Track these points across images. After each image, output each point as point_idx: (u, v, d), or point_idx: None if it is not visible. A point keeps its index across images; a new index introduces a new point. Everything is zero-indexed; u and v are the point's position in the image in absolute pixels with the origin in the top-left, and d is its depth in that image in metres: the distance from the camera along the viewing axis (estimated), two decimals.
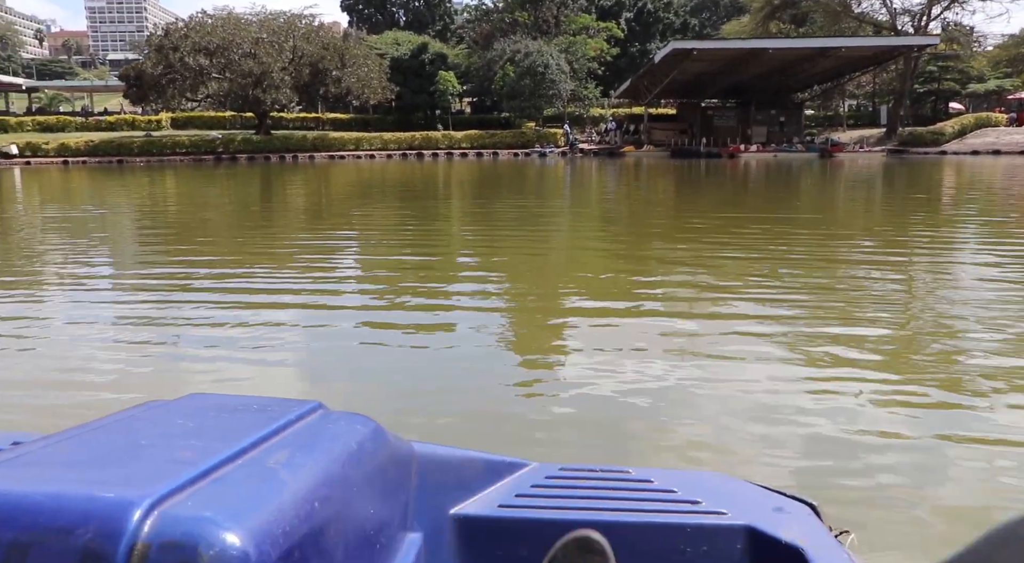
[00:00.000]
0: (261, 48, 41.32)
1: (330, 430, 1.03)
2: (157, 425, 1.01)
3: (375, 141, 44.32)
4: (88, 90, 70.42)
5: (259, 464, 0.88)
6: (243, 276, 7.57)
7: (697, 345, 4.73)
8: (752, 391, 3.87)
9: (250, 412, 1.06)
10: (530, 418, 3.60)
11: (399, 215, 14.48)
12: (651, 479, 1.24)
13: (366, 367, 4.48)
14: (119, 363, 4.52)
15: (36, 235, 11.73)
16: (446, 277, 7.53)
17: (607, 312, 5.79)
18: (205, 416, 1.05)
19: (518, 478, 1.28)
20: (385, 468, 1.06)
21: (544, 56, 44.68)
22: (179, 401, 1.12)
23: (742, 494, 1.22)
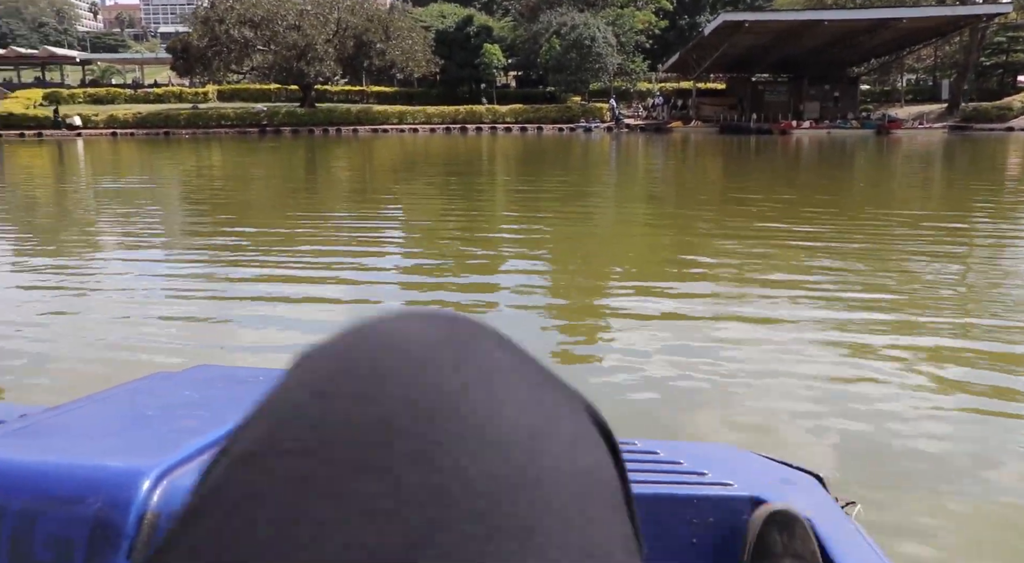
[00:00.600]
0: (305, 20, 41.17)
1: None
2: (164, 396, 1.02)
3: (419, 115, 44.03)
4: (139, 63, 71.49)
5: None
6: (286, 251, 7.49)
7: (744, 332, 4.54)
8: (800, 380, 3.73)
9: (257, 383, 1.05)
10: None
11: (442, 190, 14.21)
12: (657, 450, 1.23)
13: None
14: (162, 335, 4.56)
15: (88, 206, 11.94)
16: (488, 257, 7.31)
17: (652, 292, 5.62)
18: (212, 387, 1.06)
19: None
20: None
21: (591, 29, 43.79)
22: (186, 372, 1.12)
23: (748, 465, 1.21)
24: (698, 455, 1.23)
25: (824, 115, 41.76)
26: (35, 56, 64.91)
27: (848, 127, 38.99)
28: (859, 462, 2.94)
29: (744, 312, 5.00)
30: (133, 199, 12.80)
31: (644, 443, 1.28)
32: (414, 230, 9.36)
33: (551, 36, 45.77)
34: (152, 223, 9.99)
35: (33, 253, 7.94)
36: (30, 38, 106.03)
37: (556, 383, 0.31)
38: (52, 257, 7.52)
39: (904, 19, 36.04)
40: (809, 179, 16.96)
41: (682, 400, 3.53)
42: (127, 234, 9.00)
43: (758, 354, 4.10)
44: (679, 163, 22.15)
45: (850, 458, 2.96)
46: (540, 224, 9.35)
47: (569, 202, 11.95)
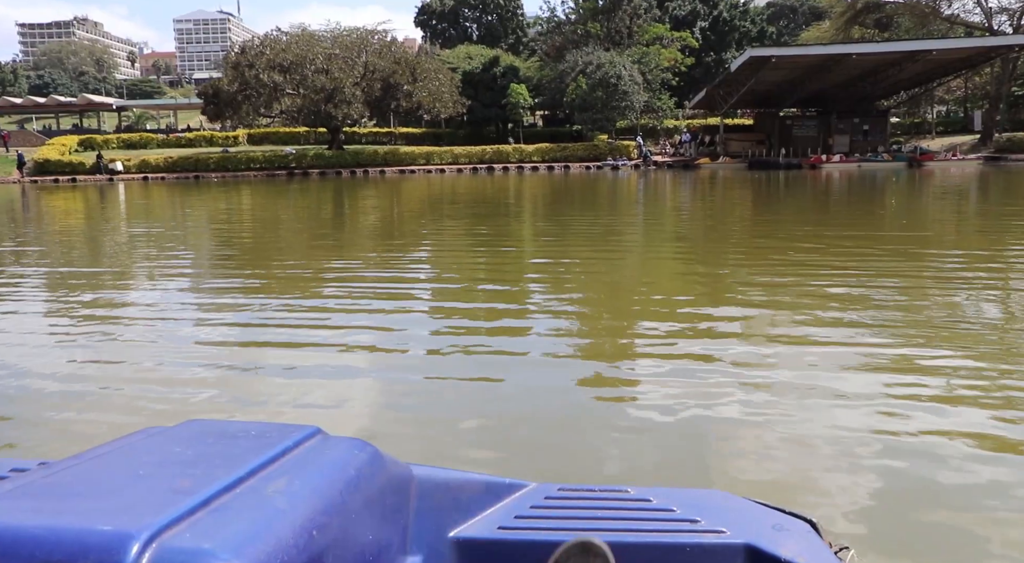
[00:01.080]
0: (334, 64, 41.72)
1: (328, 456, 1.04)
2: (156, 453, 1.01)
3: (446, 155, 44.20)
4: (172, 108, 72.95)
5: (258, 492, 0.89)
6: (314, 296, 7.40)
7: (774, 374, 4.40)
8: (831, 425, 3.59)
9: (249, 438, 1.06)
10: (597, 439, 3.49)
11: (469, 232, 14.00)
12: (650, 498, 1.22)
13: (432, 389, 4.33)
14: (189, 379, 4.53)
15: (119, 250, 12.05)
16: (517, 300, 7.15)
17: (681, 334, 5.45)
18: (204, 443, 1.05)
19: (517, 499, 1.26)
20: (383, 493, 1.07)
21: (617, 67, 43.86)
22: (178, 428, 1.12)
23: (741, 512, 1.20)
24: (691, 502, 1.21)
25: (854, 149, 41.21)
26: (73, 104, 66.66)
27: (879, 160, 38.41)
28: (883, 516, 2.75)
29: (775, 356, 4.79)
30: (161, 243, 12.83)
31: (637, 491, 1.26)
32: (442, 272, 9.22)
33: (577, 75, 45.91)
34: (180, 267, 9.94)
35: (66, 298, 7.91)
36: (70, 86, 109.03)
37: None
38: (84, 302, 7.49)
39: (934, 51, 35.60)
40: (843, 214, 16.53)
41: (709, 445, 3.42)
42: (153, 278, 9.02)
43: (789, 398, 3.95)
44: (708, 200, 21.80)
45: (875, 508, 2.80)
46: (569, 259, 9.25)
47: (597, 241, 11.72)
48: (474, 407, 3.96)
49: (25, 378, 4.69)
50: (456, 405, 4.01)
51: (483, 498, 1.27)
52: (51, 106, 67.20)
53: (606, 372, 4.63)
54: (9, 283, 8.86)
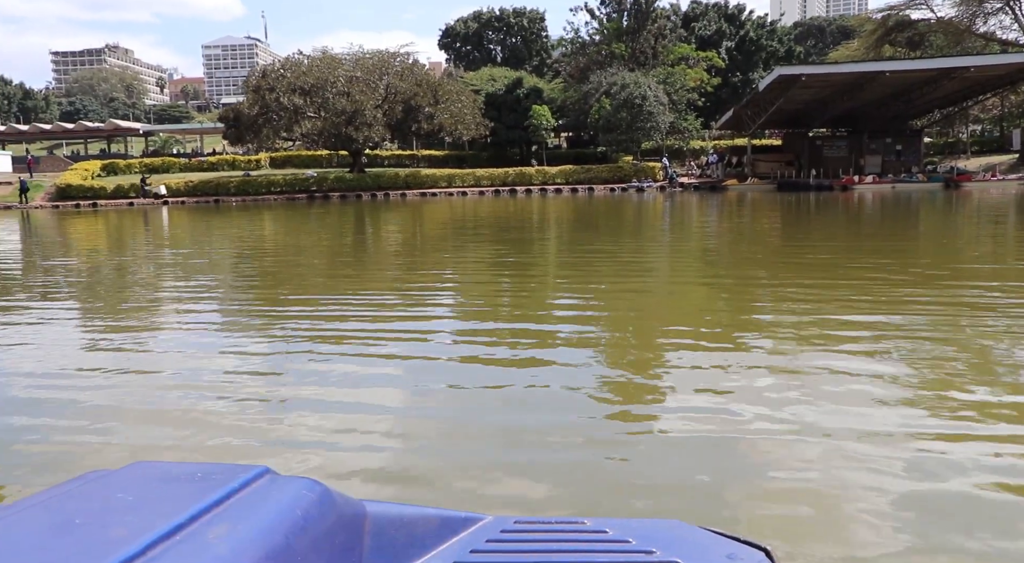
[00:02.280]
0: (355, 86, 41.43)
1: (274, 497, 1.02)
2: (95, 500, 1.00)
3: (467, 178, 43.68)
4: (198, 132, 73.45)
5: (199, 539, 0.87)
6: (335, 322, 7.25)
7: (801, 409, 4.12)
8: (864, 467, 3.33)
9: (193, 481, 1.05)
10: (619, 470, 3.42)
11: (491, 257, 13.38)
12: (606, 530, 1.24)
13: (460, 418, 4.23)
14: (211, 407, 4.44)
15: (134, 276, 11.93)
16: (541, 327, 6.78)
17: (707, 364, 5.20)
18: (146, 487, 1.04)
19: (473, 533, 1.26)
20: (333, 533, 1.06)
21: (641, 87, 43.17)
22: (121, 472, 1.10)
23: (696, 542, 1.23)
24: (646, 533, 1.23)
25: (887, 169, 40.06)
26: (101, 129, 67.38)
27: (914, 181, 37.20)
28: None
29: (803, 389, 4.48)
30: (180, 270, 12.56)
31: (593, 522, 1.27)
32: (464, 299, 8.85)
33: (601, 96, 45.31)
34: (200, 293, 9.74)
35: (90, 323, 7.90)
36: (100, 113, 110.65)
37: None
38: (105, 328, 7.46)
39: (972, 68, 34.45)
40: (880, 238, 15.52)
41: (733, 485, 3.23)
42: (174, 302, 8.98)
43: (815, 436, 3.71)
44: (737, 223, 20.88)
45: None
46: (594, 284, 8.92)
47: (622, 266, 11.00)
48: (494, 442, 3.84)
49: (48, 392, 4.86)
50: (475, 441, 3.90)
51: (438, 533, 1.24)
52: (79, 132, 67.98)
53: (629, 405, 4.38)
54: (31, 308, 8.99)
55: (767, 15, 65.98)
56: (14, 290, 10.68)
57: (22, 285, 11.39)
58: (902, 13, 51.17)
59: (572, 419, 4.05)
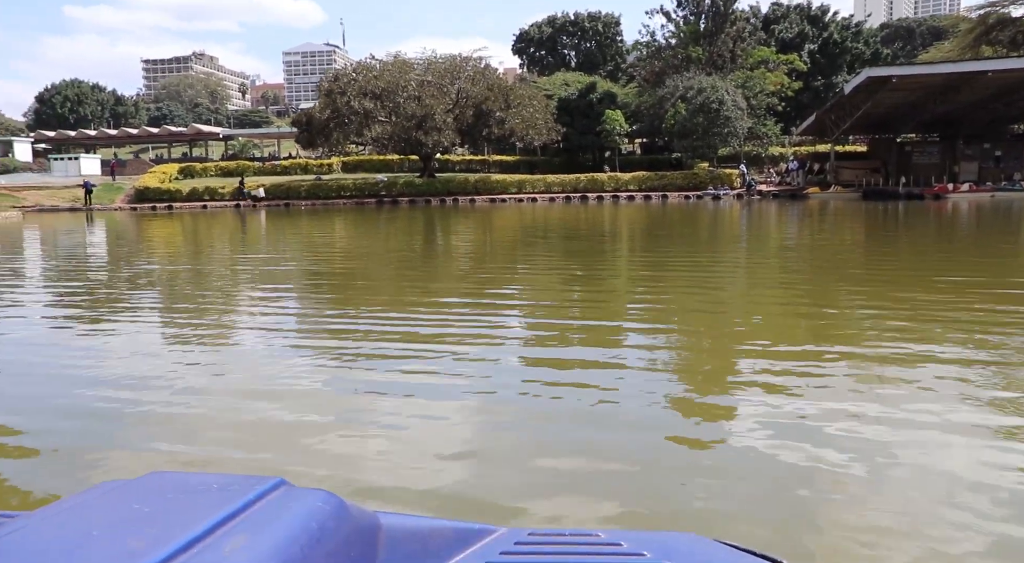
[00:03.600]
0: (425, 90, 41.19)
1: (291, 509, 1.03)
2: (111, 511, 1.00)
3: (538, 184, 42.98)
4: (275, 137, 74.80)
5: (215, 551, 0.88)
6: (405, 327, 7.12)
7: (892, 435, 3.86)
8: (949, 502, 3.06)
9: (210, 492, 1.06)
10: (692, 496, 3.23)
11: (560, 266, 12.74)
12: (621, 542, 1.19)
13: (523, 435, 4.10)
14: (275, 416, 4.43)
15: (210, 278, 12.10)
16: (611, 339, 6.54)
17: (784, 385, 4.83)
18: (163, 498, 1.04)
19: (487, 545, 1.24)
20: (349, 545, 1.07)
21: (719, 92, 41.75)
22: (137, 482, 1.10)
23: (712, 555, 1.20)
24: (662, 546, 1.19)
25: (984, 177, 37.66)
26: (184, 133, 69.22)
27: (1017, 189, 34.77)
28: None
29: (892, 419, 4.10)
30: (250, 271, 12.65)
31: (608, 534, 1.22)
32: (532, 310, 8.50)
33: (676, 101, 44.04)
34: (274, 299, 9.62)
35: (168, 322, 8.02)
36: (185, 118, 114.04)
37: None
38: (178, 326, 7.59)
39: None
40: (978, 250, 14.09)
41: (812, 513, 3.07)
42: (251, 305, 9.08)
43: (894, 461, 3.52)
44: (820, 233, 19.56)
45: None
46: (667, 295, 8.63)
47: (697, 278, 10.29)
48: (562, 460, 3.68)
49: (127, 393, 4.94)
50: (543, 459, 3.75)
51: (452, 544, 1.21)
52: (163, 136, 70.02)
53: (700, 424, 4.20)
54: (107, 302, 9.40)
55: (852, 16, 63.31)
56: (92, 291, 10.65)
57: (94, 286, 11.25)
58: (1003, 10, 48.27)
59: (643, 438, 3.91)
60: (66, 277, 12.65)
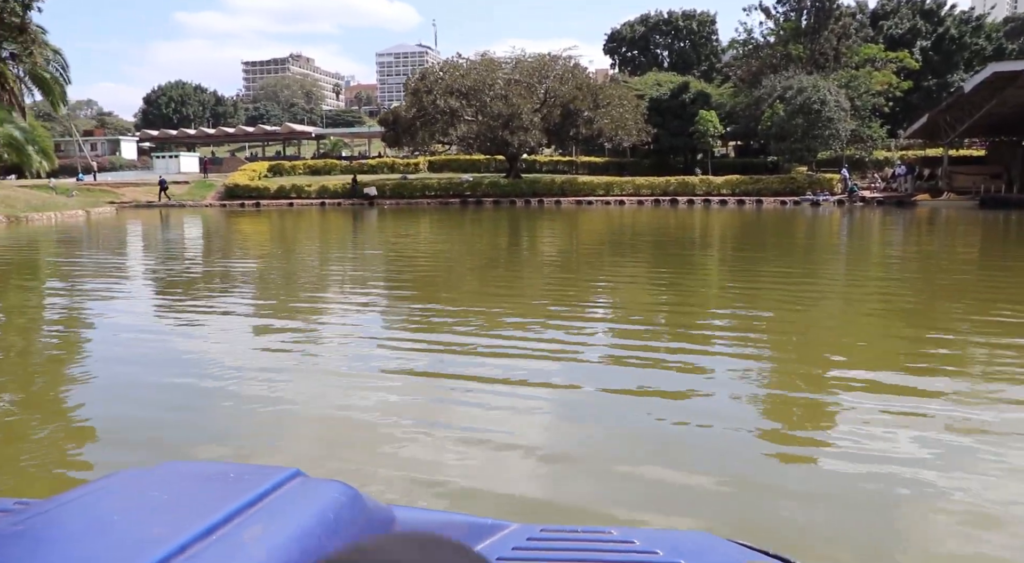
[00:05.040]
0: (513, 89, 40.42)
1: (307, 499, 1.04)
2: (129, 498, 1.02)
3: (626, 186, 41.65)
4: (366, 136, 75.56)
5: (234, 539, 0.88)
6: (490, 329, 7.11)
7: (992, 468, 3.53)
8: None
9: (226, 482, 1.07)
10: (779, 525, 3.07)
11: (648, 274, 11.95)
12: (634, 540, 1.23)
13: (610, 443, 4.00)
14: (374, 404, 4.60)
15: (297, 276, 12.18)
16: (698, 352, 6.21)
17: (882, 409, 4.48)
18: (180, 487, 1.06)
19: (499, 540, 1.27)
20: (364, 536, 1.02)
21: (820, 92, 39.51)
22: (154, 470, 1.11)
23: (724, 553, 1.22)
24: (674, 544, 1.21)
25: None
26: (277, 133, 70.68)
27: None
28: None
29: (994, 452, 3.76)
30: (337, 271, 12.72)
31: (620, 532, 1.26)
32: (617, 319, 8.14)
33: (774, 101, 41.97)
34: (362, 296, 9.75)
35: (257, 318, 8.23)
36: (281, 117, 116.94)
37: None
38: (270, 327, 7.68)
39: None
40: None
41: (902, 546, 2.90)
42: (343, 300, 9.29)
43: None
44: (930, 245, 17.79)
45: None
46: (760, 311, 8.01)
47: (792, 291, 9.38)
48: (643, 481, 3.51)
49: (215, 380, 5.21)
50: (623, 459, 3.74)
51: (465, 539, 1.17)
52: (258, 135, 71.66)
53: (791, 451, 3.98)
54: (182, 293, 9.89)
55: (972, 10, 59.28)
56: (183, 285, 10.85)
57: (182, 280, 11.44)
58: None
59: (729, 464, 3.70)
60: (158, 275, 12.43)
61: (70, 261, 15.24)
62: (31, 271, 13.78)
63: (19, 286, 11.57)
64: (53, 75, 37.45)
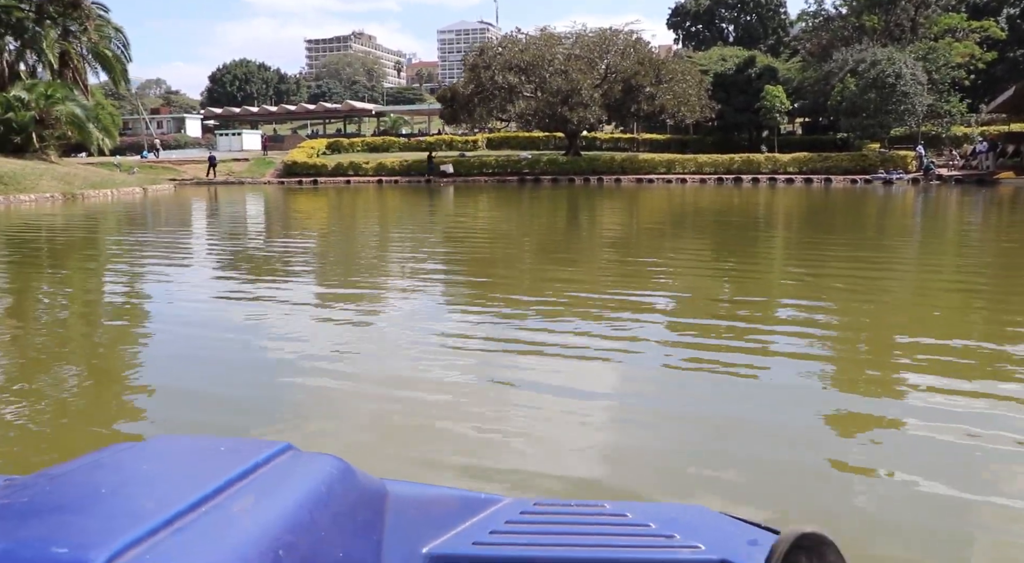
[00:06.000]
0: (572, 64, 39.58)
1: (298, 472, 1.04)
2: (121, 471, 1.03)
3: (688, 164, 40.58)
4: (425, 113, 75.60)
5: (224, 511, 0.89)
6: (546, 309, 7.02)
7: None
8: None
9: (217, 455, 1.07)
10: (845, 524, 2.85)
11: (711, 256, 11.37)
12: (627, 513, 1.23)
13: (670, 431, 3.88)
14: (428, 380, 4.62)
15: (356, 254, 12.19)
16: (763, 346, 5.67)
17: (958, 406, 4.09)
18: (171, 460, 1.07)
19: (492, 514, 1.28)
20: (355, 509, 1.08)
21: (895, 64, 37.69)
22: (145, 444, 1.12)
23: (718, 527, 1.22)
24: (668, 517, 1.22)
25: None
26: (338, 110, 71.14)
27: None
28: None
29: None
30: (394, 249, 12.57)
31: (613, 505, 1.26)
32: (677, 303, 7.72)
33: (845, 75, 40.22)
34: (428, 276, 9.58)
35: (322, 293, 8.31)
36: (343, 95, 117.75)
37: None
38: (337, 297, 7.93)
39: None
40: None
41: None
42: (403, 280, 9.23)
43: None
44: (1015, 227, 16.63)
45: None
46: (828, 301, 7.41)
47: (862, 278, 8.59)
48: (701, 476, 3.33)
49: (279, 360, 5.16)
50: (682, 453, 3.59)
51: (458, 513, 1.25)
52: (319, 112, 72.27)
53: (859, 448, 3.63)
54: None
55: None
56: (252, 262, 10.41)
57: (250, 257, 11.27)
58: None
59: (790, 455, 3.55)
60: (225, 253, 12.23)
61: (110, 238, 15.29)
62: (66, 249, 13.80)
63: (53, 266, 11.55)
64: (115, 53, 37.99)
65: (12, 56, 35.39)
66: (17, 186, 26.41)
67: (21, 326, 6.74)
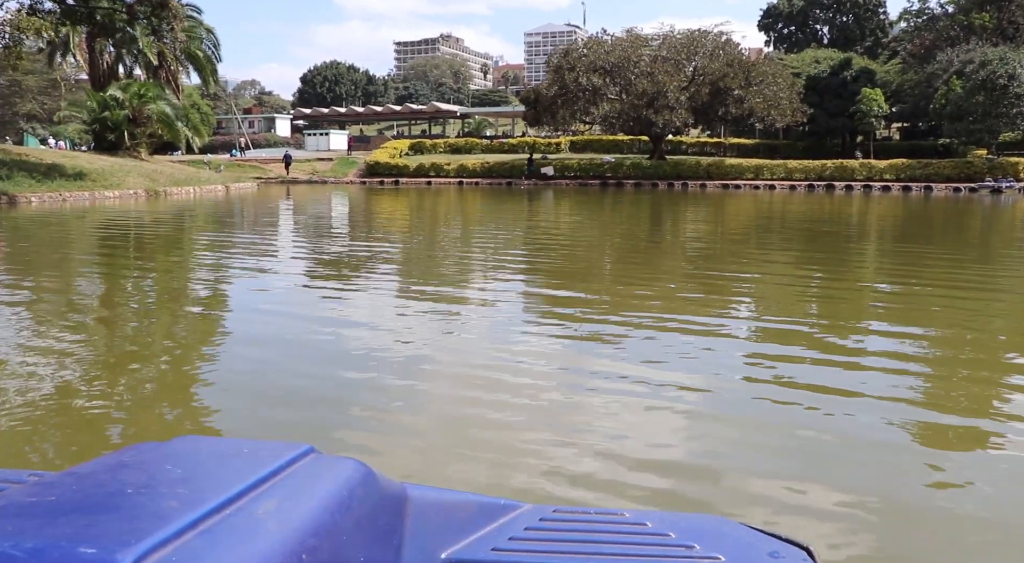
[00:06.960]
0: (659, 66, 38.64)
1: (321, 476, 1.05)
2: (145, 471, 1.03)
3: (777, 169, 39.13)
4: (509, 116, 75.47)
5: (248, 514, 0.90)
6: (626, 316, 6.79)
7: None
8: None
9: (241, 457, 1.08)
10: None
11: (798, 273, 10.46)
12: (646, 522, 1.23)
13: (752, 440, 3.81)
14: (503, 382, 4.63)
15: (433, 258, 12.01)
16: (850, 370, 5.22)
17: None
18: (195, 461, 1.07)
19: (512, 520, 1.28)
20: (376, 514, 1.09)
21: (1009, 65, 35.48)
22: (169, 444, 1.13)
23: (737, 538, 1.22)
24: (687, 528, 1.22)
25: None
26: (423, 112, 71.80)
27: None
28: None
29: None
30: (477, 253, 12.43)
31: (633, 514, 1.27)
32: (760, 318, 7.34)
33: (951, 77, 38.09)
34: (505, 283, 9.42)
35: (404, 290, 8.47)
36: (430, 97, 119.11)
37: None
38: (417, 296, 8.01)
39: None
40: None
41: None
42: (482, 281, 9.30)
43: None
44: None
45: None
46: (922, 326, 6.65)
47: (963, 296, 7.76)
48: (774, 498, 3.16)
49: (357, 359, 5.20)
50: (757, 469, 3.44)
51: (477, 519, 1.26)
52: (404, 113, 73.11)
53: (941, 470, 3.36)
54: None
55: None
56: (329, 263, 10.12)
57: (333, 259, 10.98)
58: None
59: (873, 482, 3.27)
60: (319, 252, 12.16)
61: (183, 234, 15.41)
62: (137, 243, 13.93)
63: (119, 258, 11.61)
64: (206, 54, 39.05)
65: (112, 57, 36.76)
66: (104, 182, 27.20)
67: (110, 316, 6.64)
